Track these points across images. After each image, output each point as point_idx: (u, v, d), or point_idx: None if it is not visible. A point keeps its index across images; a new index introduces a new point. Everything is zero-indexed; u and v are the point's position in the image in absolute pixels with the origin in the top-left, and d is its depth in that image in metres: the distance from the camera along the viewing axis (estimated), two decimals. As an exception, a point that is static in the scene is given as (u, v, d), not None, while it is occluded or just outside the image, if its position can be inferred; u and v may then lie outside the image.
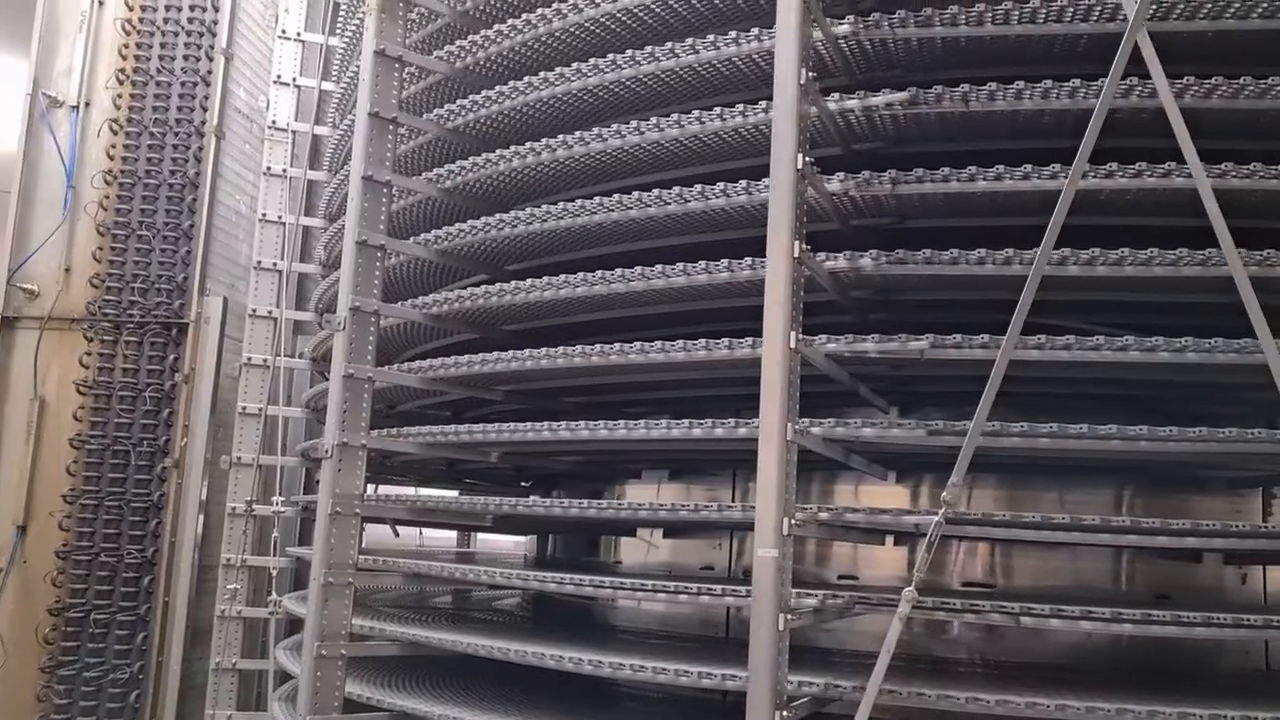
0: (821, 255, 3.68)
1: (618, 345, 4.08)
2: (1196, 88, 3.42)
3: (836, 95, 3.73)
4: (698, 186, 3.97)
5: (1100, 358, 3.44)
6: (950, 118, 3.72)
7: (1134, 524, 3.48)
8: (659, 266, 4.02)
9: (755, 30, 3.89)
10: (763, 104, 3.83)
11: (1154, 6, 3.41)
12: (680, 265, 3.95)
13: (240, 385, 7.64)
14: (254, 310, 7.71)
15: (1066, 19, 3.51)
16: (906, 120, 3.80)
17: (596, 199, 4.24)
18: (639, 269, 4.06)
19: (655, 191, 4.08)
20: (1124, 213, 3.75)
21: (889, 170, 3.67)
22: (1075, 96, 3.48)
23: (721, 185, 3.90)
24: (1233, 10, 3.43)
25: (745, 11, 4.24)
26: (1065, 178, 3.21)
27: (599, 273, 4.16)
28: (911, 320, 4.11)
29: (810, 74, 3.47)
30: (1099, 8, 3.45)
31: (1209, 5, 3.45)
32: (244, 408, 7.61)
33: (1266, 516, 4.59)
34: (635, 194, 4.15)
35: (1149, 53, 3.15)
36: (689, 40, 4.06)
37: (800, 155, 3.37)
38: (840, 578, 4.96)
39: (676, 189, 4.03)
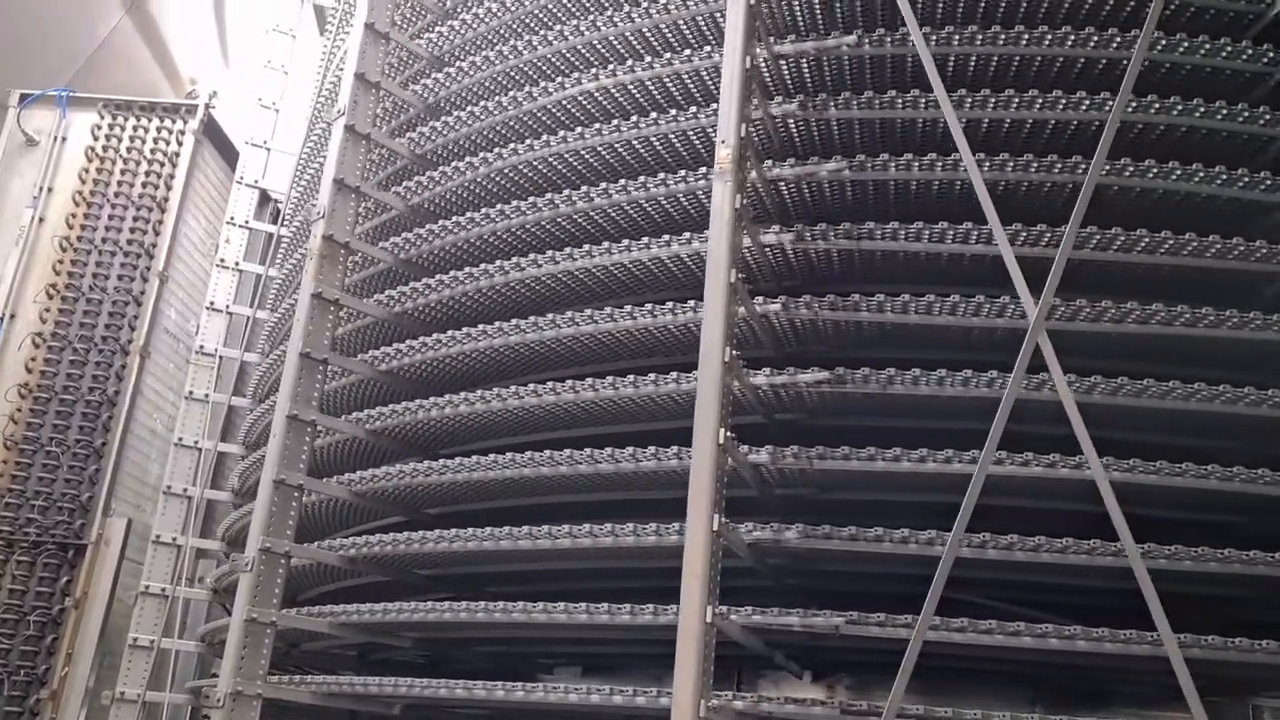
0: (744, 526, 3.71)
1: (537, 604, 4.01)
2: (1103, 385, 3.61)
3: (767, 370, 3.85)
4: (629, 448, 4.02)
5: (1016, 643, 3.47)
6: (873, 397, 3.85)
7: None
8: (586, 525, 4.01)
9: (691, 302, 4.05)
10: (673, 374, 3.96)
11: (1061, 308, 3.64)
12: (608, 525, 3.96)
13: (134, 614, 7.24)
14: (158, 536, 7.41)
15: (983, 314, 3.72)
16: (831, 397, 3.92)
17: (527, 453, 4.26)
18: (565, 526, 4.06)
19: (606, 450, 4.12)
20: (1042, 497, 3.87)
21: (815, 446, 3.75)
22: (992, 386, 3.65)
23: (653, 449, 3.95)
24: (1133, 316, 3.67)
25: (679, 280, 4.43)
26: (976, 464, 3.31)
27: (524, 527, 4.15)
28: (825, 589, 4.13)
29: (734, 352, 3.58)
30: (1012, 306, 3.67)
31: (1112, 309, 3.69)
32: (135, 639, 7.20)
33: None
34: (566, 450, 4.19)
35: (1049, 351, 3.33)
36: (626, 307, 4.22)
37: (722, 430, 3.44)
38: None
39: (608, 449, 4.09)
